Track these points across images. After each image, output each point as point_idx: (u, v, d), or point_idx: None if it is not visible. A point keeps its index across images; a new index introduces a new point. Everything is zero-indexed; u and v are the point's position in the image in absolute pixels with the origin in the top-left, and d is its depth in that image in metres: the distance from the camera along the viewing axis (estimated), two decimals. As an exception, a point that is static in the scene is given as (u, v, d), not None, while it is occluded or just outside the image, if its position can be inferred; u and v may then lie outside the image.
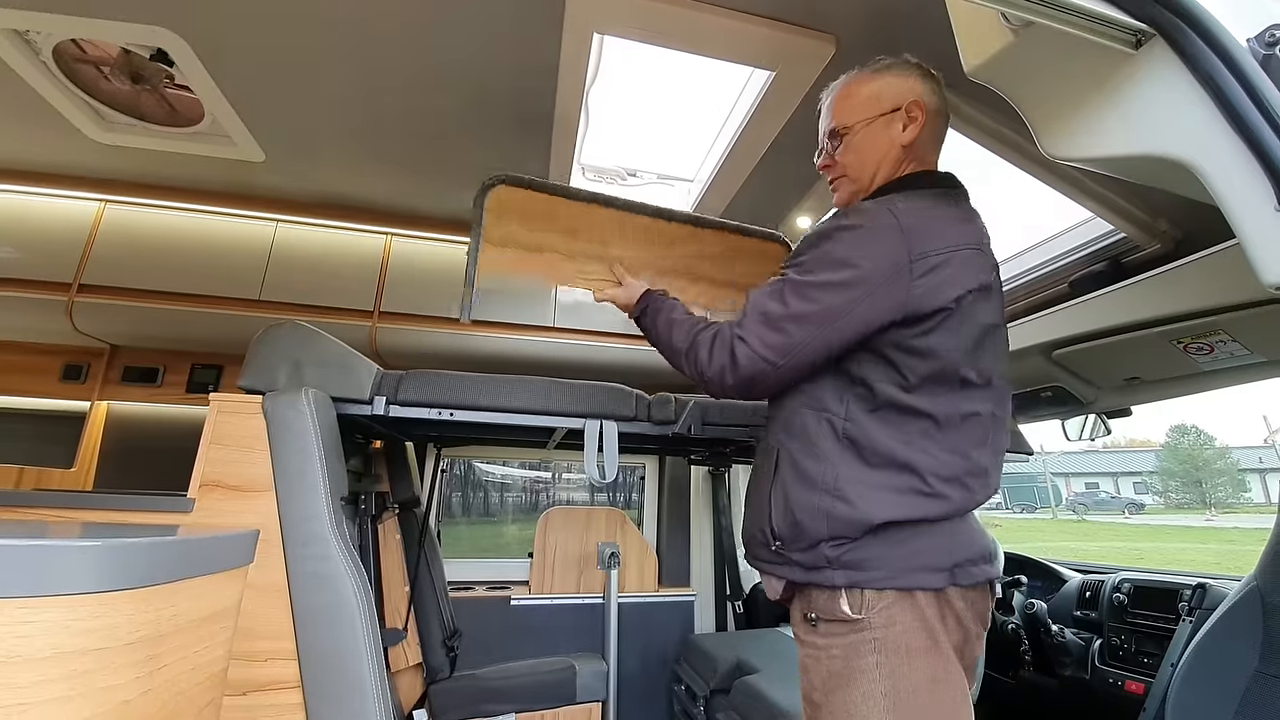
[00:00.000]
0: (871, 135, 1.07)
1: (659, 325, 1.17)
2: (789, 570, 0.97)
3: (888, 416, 0.94)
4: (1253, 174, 0.71)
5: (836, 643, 0.90)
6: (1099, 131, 0.88)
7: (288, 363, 1.39)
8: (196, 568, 0.71)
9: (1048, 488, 32.09)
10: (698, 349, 1.04)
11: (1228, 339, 1.47)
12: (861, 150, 1.08)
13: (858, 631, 0.89)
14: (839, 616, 0.90)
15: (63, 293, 2.32)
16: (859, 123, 1.08)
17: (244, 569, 0.91)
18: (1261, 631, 1.32)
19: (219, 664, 0.79)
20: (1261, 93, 0.72)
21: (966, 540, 0.94)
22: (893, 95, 1.06)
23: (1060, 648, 2.03)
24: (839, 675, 0.89)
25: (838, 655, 0.90)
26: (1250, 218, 0.71)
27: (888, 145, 1.06)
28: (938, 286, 0.92)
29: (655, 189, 2.41)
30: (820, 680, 0.92)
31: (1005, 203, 2.02)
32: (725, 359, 0.98)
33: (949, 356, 0.93)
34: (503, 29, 1.54)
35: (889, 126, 1.06)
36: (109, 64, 1.80)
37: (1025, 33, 0.92)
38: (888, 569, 0.89)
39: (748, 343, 0.97)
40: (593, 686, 2.38)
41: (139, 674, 0.61)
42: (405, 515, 2.35)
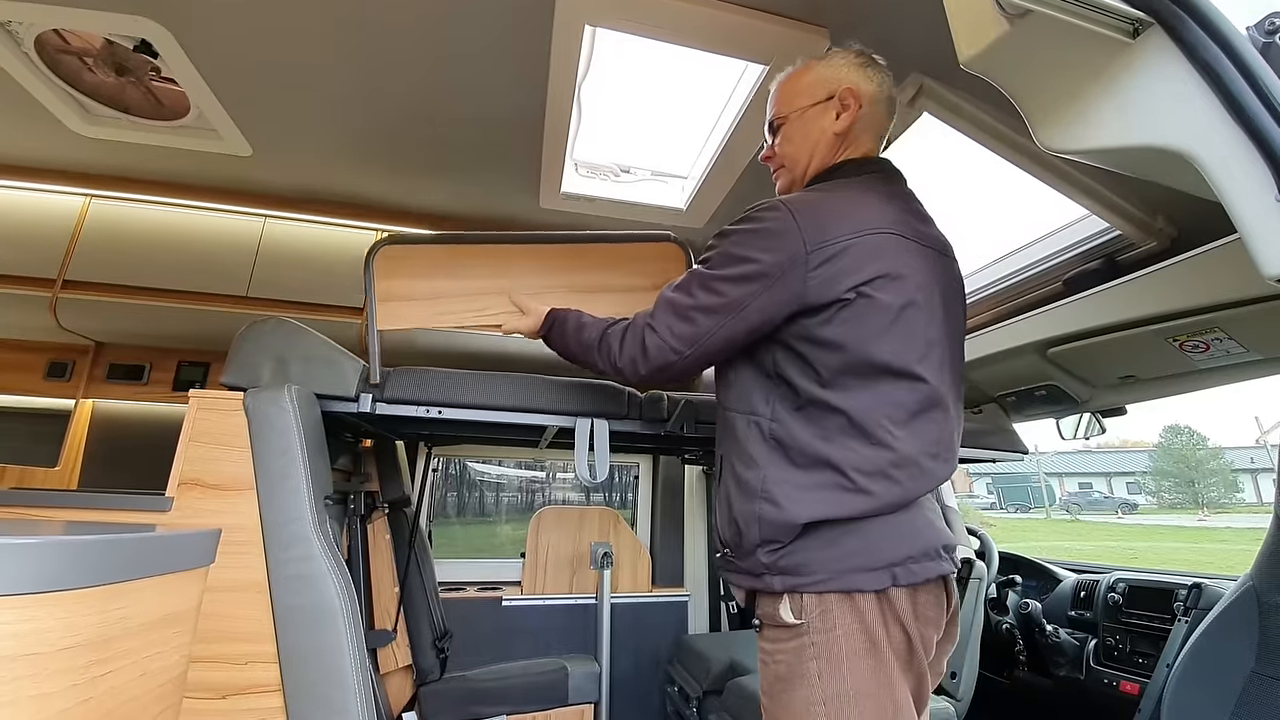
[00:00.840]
0: (805, 124, 1.10)
1: (568, 334, 1.21)
2: (740, 578, 0.98)
3: (810, 414, 0.94)
4: (1253, 164, 0.69)
5: (781, 648, 0.90)
6: (1096, 122, 0.87)
7: (272, 359, 1.36)
8: (147, 569, 0.68)
9: (1041, 488, 32.23)
10: (609, 340, 1.09)
11: (1224, 336, 1.46)
12: (795, 140, 1.11)
13: (799, 637, 0.88)
14: (780, 622, 0.90)
15: (46, 289, 2.28)
16: (794, 112, 1.11)
17: (203, 570, 0.88)
18: (1258, 632, 1.31)
19: (175, 669, 0.76)
20: (1262, 81, 0.70)
21: (909, 536, 0.91)
22: (826, 84, 1.09)
23: (1055, 648, 2.02)
24: (783, 680, 0.89)
25: (782, 660, 0.90)
26: (1250, 208, 0.69)
27: (819, 134, 1.09)
28: (833, 277, 0.92)
29: (649, 185, 2.39)
30: (768, 684, 0.93)
31: (1002, 201, 2.01)
32: (636, 349, 1.03)
33: (856, 347, 0.92)
34: (493, 21, 1.52)
35: (822, 115, 1.08)
36: (92, 55, 1.76)
37: (1021, 22, 0.90)
38: (823, 572, 0.88)
39: (658, 332, 1.01)
40: (585, 688, 2.37)
41: (77, 681, 0.58)
42: (395, 515, 2.32)
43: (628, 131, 2.17)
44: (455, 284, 1.50)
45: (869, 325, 0.92)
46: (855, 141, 1.09)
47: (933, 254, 1.03)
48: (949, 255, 1.10)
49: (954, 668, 1.99)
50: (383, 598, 2.22)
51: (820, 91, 1.09)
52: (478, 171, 2.20)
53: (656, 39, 1.54)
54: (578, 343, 1.17)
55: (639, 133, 2.19)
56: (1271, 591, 1.32)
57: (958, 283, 1.12)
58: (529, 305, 1.36)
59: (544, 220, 2.51)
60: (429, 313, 1.48)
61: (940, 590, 0.94)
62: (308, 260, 2.47)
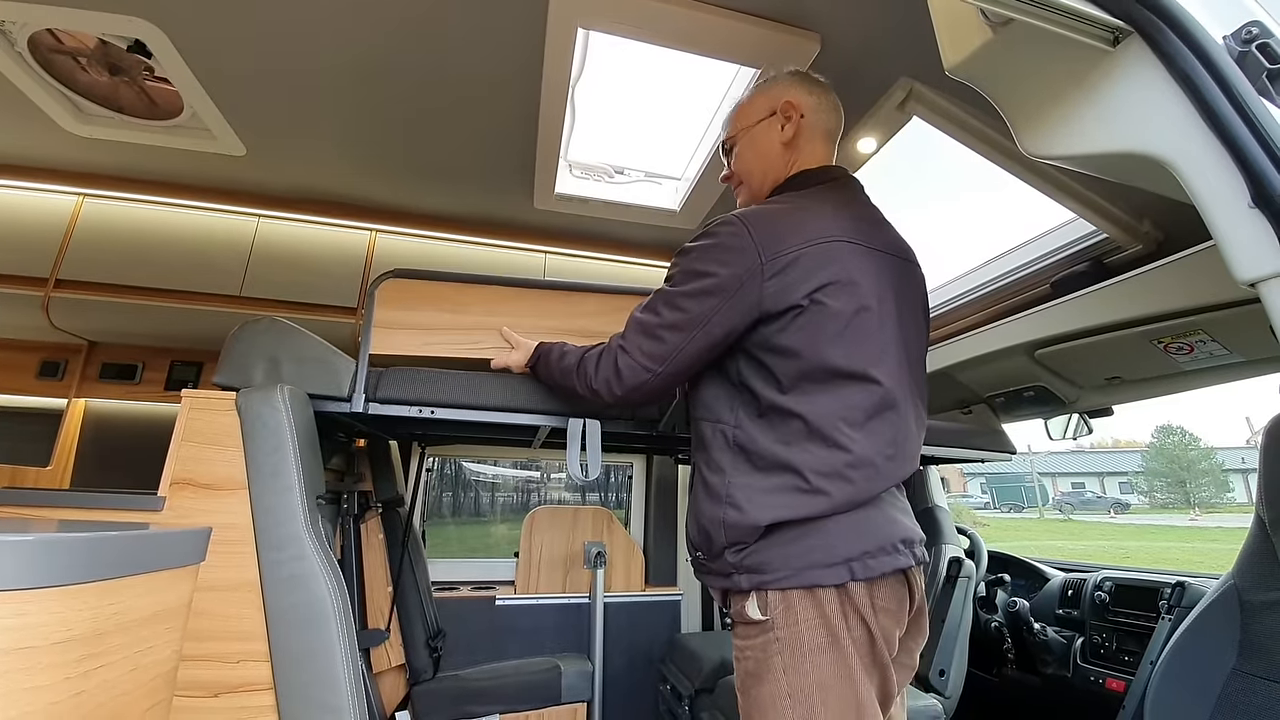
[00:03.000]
0: (754, 140, 1.17)
1: (552, 364, 1.28)
2: (712, 579, 1.02)
3: (771, 420, 0.98)
4: (1227, 170, 0.71)
5: (750, 644, 0.94)
6: (1077, 129, 0.88)
7: (265, 359, 1.37)
8: (139, 566, 0.69)
9: (1035, 488, 32.39)
10: (586, 365, 1.14)
11: (1207, 339, 1.48)
12: (747, 156, 1.19)
13: (765, 633, 0.92)
14: (747, 619, 0.93)
15: (39, 288, 2.28)
16: (741, 131, 1.19)
17: (194, 567, 0.89)
18: (1239, 630, 1.33)
19: (166, 664, 0.77)
20: (1236, 90, 0.72)
21: (867, 532, 0.93)
22: (768, 101, 1.16)
23: (1042, 646, 2.04)
24: (753, 675, 0.93)
25: (751, 656, 0.93)
26: (1224, 214, 0.71)
27: (768, 146, 1.15)
28: (788, 286, 0.96)
29: (642, 187, 2.40)
30: (740, 680, 0.96)
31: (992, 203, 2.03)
32: (610, 371, 1.08)
33: (811, 352, 0.95)
34: (486, 23, 1.53)
35: (769, 130, 1.15)
36: (86, 55, 1.76)
37: (1004, 30, 0.92)
38: (786, 569, 0.91)
39: (629, 353, 1.05)
40: (578, 686, 2.37)
41: (69, 674, 0.59)
42: (389, 515, 2.33)
43: (621, 133, 2.18)
44: (449, 317, 1.57)
45: (823, 331, 0.95)
46: (805, 150, 1.15)
47: (888, 258, 1.07)
48: (908, 259, 1.14)
49: (942, 665, 2.01)
50: (376, 597, 2.23)
51: (763, 109, 1.16)
52: (471, 172, 2.21)
53: (649, 42, 1.55)
54: (560, 370, 1.23)
55: (633, 134, 2.20)
56: (1253, 590, 1.33)
57: (918, 286, 1.16)
58: (518, 340, 1.46)
59: (538, 221, 2.52)
60: (420, 342, 1.55)
61: (901, 584, 0.96)
62: (301, 260, 2.47)
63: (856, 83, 1.65)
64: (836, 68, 1.60)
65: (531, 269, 2.71)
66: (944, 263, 2.03)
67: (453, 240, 2.62)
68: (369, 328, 1.47)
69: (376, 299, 1.50)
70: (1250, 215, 0.69)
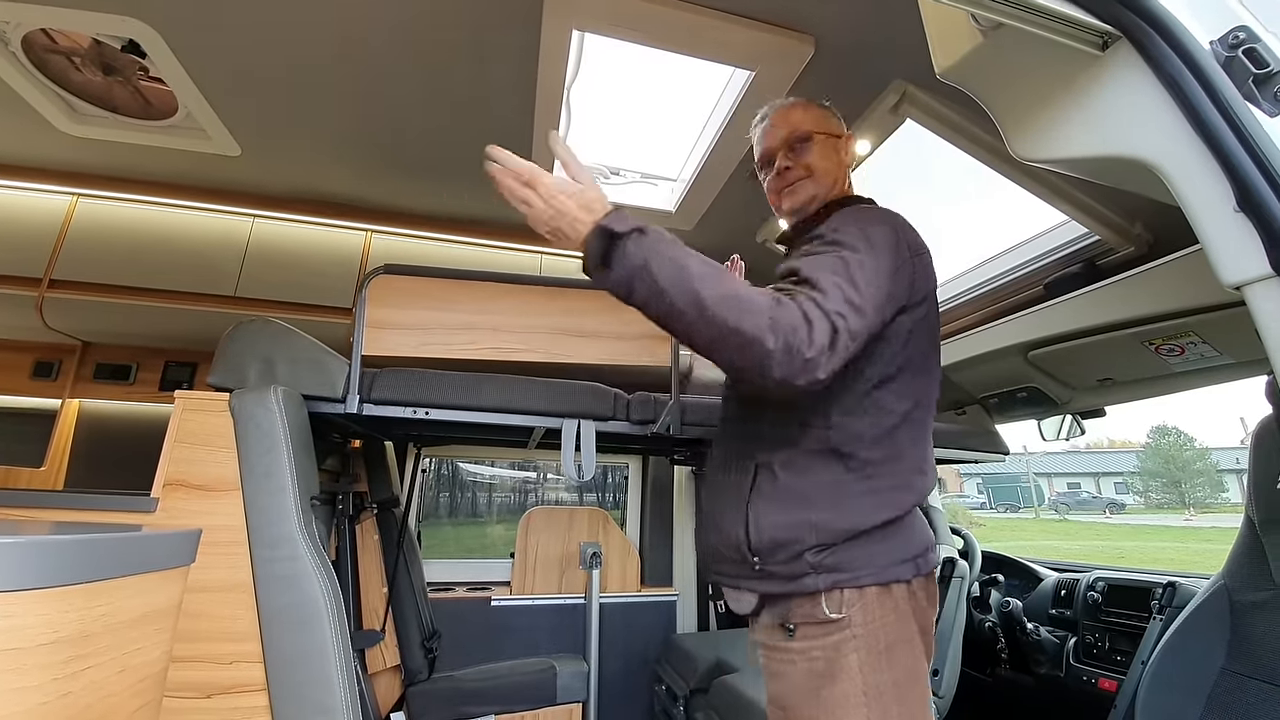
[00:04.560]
0: (826, 147, 1.15)
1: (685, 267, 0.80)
2: (767, 584, 0.95)
3: (870, 417, 0.94)
4: (1213, 175, 0.71)
5: (816, 645, 0.90)
6: (1066, 133, 0.89)
7: (259, 360, 1.37)
8: (127, 568, 0.69)
9: (1031, 488, 32.48)
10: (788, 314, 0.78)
11: (1198, 340, 1.49)
12: (824, 157, 1.14)
13: (838, 631, 0.89)
14: (818, 619, 0.90)
15: (33, 288, 2.27)
16: (819, 134, 1.14)
17: (183, 569, 0.89)
18: (1229, 630, 1.34)
19: (155, 666, 0.77)
20: (1222, 95, 0.73)
21: (923, 530, 0.98)
22: (835, 123, 1.18)
23: (1036, 645, 2.05)
24: (821, 676, 0.89)
25: (819, 656, 0.89)
26: (1210, 218, 0.72)
27: (840, 161, 1.16)
28: (917, 281, 0.97)
29: (639, 188, 2.40)
30: (795, 685, 0.91)
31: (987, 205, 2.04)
32: (825, 339, 0.78)
33: (917, 351, 0.97)
34: (482, 23, 1.53)
35: (839, 148, 1.16)
36: (80, 55, 1.76)
37: (994, 34, 0.93)
38: (870, 566, 0.90)
39: (847, 319, 0.81)
40: (573, 687, 2.37)
41: (57, 675, 0.59)
42: (384, 515, 2.33)
43: (617, 134, 2.19)
44: (442, 315, 1.57)
45: (927, 333, 1.00)
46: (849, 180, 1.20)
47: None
48: None
49: (936, 665, 2.02)
50: (371, 598, 2.23)
51: (834, 127, 1.17)
52: (467, 172, 2.21)
53: (644, 45, 1.56)
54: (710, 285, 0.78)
55: (628, 135, 2.21)
56: (1242, 590, 1.34)
57: None
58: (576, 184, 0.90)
59: (534, 221, 2.52)
60: (415, 342, 1.55)
61: (934, 579, 1.01)
62: (296, 260, 2.47)
63: (851, 85, 1.66)
64: (831, 70, 1.61)
65: (527, 269, 2.71)
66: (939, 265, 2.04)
67: (448, 240, 2.62)
68: (361, 327, 1.48)
69: (369, 298, 1.49)
70: (1235, 219, 0.69)
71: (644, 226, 0.83)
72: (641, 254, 0.80)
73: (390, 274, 1.53)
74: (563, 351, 1.63)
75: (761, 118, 1.20)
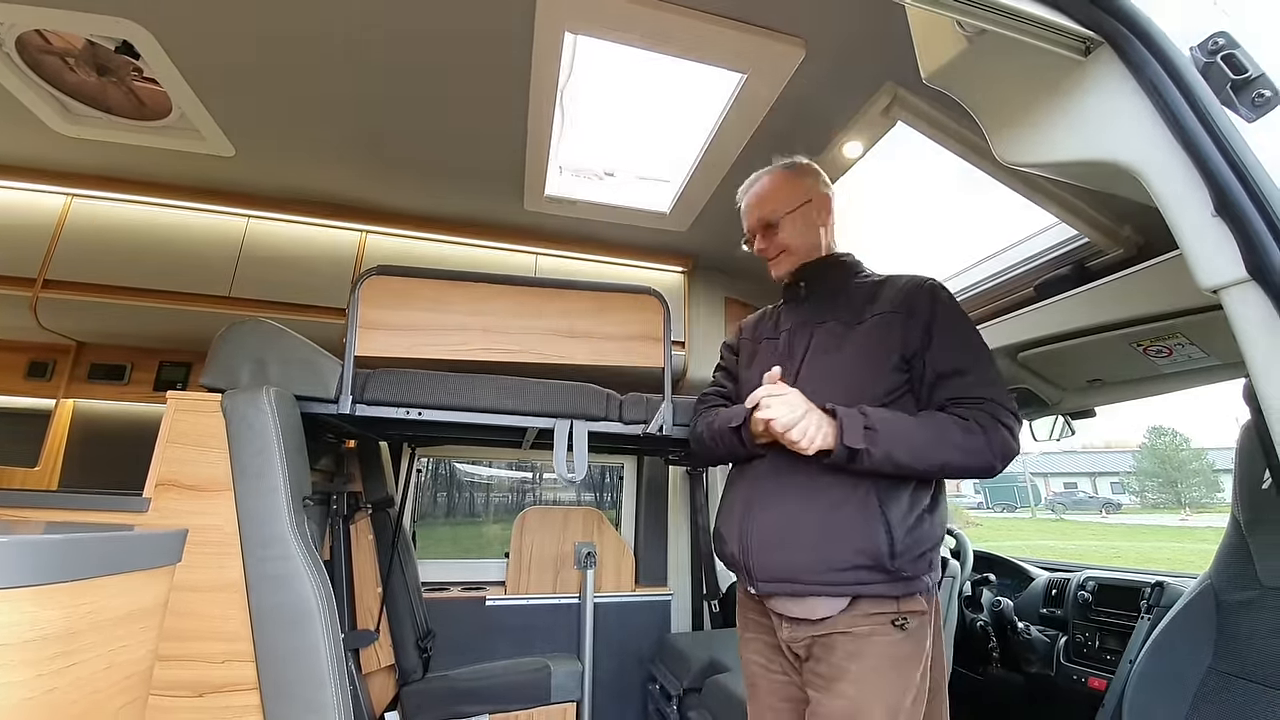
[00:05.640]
0: (796, 223, 1.33)
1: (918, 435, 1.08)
2: (890, 587, 1.07)
3: None
4: (1191, 179, 0.72)
5: (911, 628, 1.08)
6: (1049, 137, 0.90)
7: (251, 361, 1.37)
8: (113, 566, 0.70)
9: (1027, 487, 32.56)
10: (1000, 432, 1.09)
11: (1185, 342, 1.50)
12: (795, 234, 1.33)
13: (920, 617, 1.09)
14: (919, 609, 1.09)
15: (27, 288, 2.27)
16: (785, 215, 1.33)
17: (170, 568, 0.89)
18: (1215, 629, 1.35)
19: (141, 663, 0.77)
20: (1200, 100, 0.74)
21: None
22: (801, 190, 1.35)
23: (1026, 645, 2.06)
24: (904, 658, 1.06)
25: (903, 641, 1.07)
26: (1188, 221, 0.73)
27: (813, 228, 1.34)
28: None
29: (633, 189, 2.41)
30: (871, 667, 1.05)
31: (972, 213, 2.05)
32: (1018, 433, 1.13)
33: None
34: (475, 25, 1.53)
35: (808, 215, 1.33)
36: (74, 55, 1.76)
37: (979, 40, 0.94)
38: (940, 566, 1.17)
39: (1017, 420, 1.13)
40: (567, 686, 2.38)
41: (42, 671, 0.60)
42: (379, 516, 2.33)
43: (612, 135, 2.19)
44: (436, 316, 1.58)
45: None
46: (833, 232, 1.38)
47: None
48: None
49: (928, 665, 2.03)
50: (365, 598, 2.23)
51: (799, 196, 1.34)
52: (461, 173, 2.21)
53: (635, 47, 1.56)
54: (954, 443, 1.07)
55: (623, 136, 2.21)
56: (1229, 590, 1.35)
57: None
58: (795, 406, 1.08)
59: (528, 222, 2.52)
60: (407, 343, 1.55)
61: None
62: (291, 261, 2.47)
63: (841, 88, 1.67)
64: (822, 73, 1.62)
65: (522, 270, 2.71)
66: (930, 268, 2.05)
67: (443, 241, 2.62)
68: (354, 328, 1.48)
69: (362, 299, 1.50)
70: (1213, 223, 0.70)
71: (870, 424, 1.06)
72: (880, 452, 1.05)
73: (383, 274, 1.54)
74: (555, 352, 1.64)
75: (740, 195, 1.40)
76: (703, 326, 2.87)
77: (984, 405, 1.09)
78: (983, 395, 1.10)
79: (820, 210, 1.34)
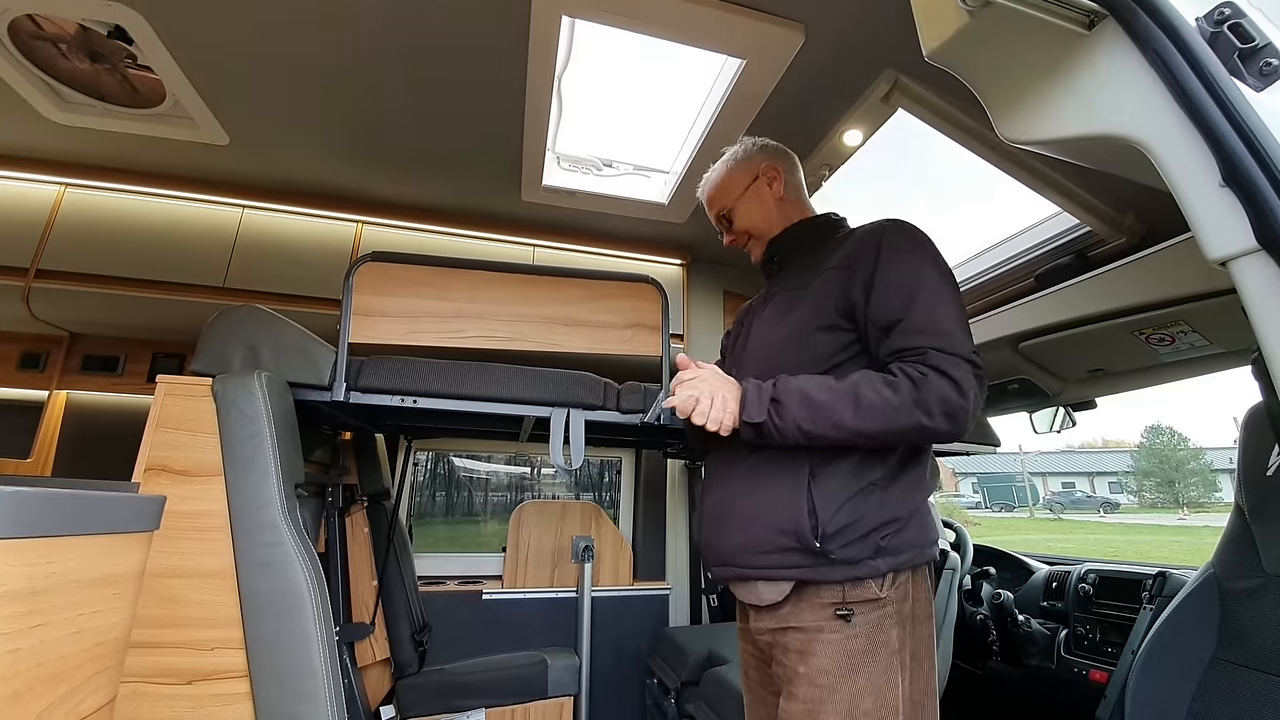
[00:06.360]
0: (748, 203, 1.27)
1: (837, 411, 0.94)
2: (826, 571, 0.94)
3: None
4: (1198, 150, 0.71)
5: (860, 621, 0.94)
6: (1053, 113, 0.88)
7: (243, 347, 1.35)
8: (80, 526, 0.68)
9: (1025, 487, 32.60)
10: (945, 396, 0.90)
11: (1188, 329, 1.49)
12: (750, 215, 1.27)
13: (881, 608, 0.95)
14: (868, 598, 0.95)
15: (19, 278, 2.25)
16: (736, 200, 1.27)
17: (146, 535, 0.87)
18: (1219, 618, 1.34)
19: (114, 631, 0.75)
20: (1208, 70, 0.72)
21: (935, 517, 1.14)
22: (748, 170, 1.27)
23: (1027, 638, 2.05)
24: (860, 654, 0.93)
25: (858, 634, 0.94)
26: (1196, 194, 0.71)
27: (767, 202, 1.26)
28: None
29: (631, 179, 2.39)
30: (834, 662, 0.93)
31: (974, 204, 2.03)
32: (973, 381, 0.92)
33: None
34: (472, 8, 1.51)
35: (759, 191, 1.26)
36: (67, 41, 1.74)
37: (981, 14, 0.92)
38: (913, 548, 0.98)
39: (977, 362, 0.95)
40: (564, 680, 2.36)
41: (4, 630, 0.57)
42: (374, 509, 2.31)
43: (609, 125, 2.18)
44: (432, 304, 1.56)
45: None
46: (800, 200, 1.29)
47: None
48: None
49: (928, 658, 2.02)
50: (360, 590, 2.21)
51: (746, 177, 1.27)
52: (458, 163, 2.20)
53: (634, 31, 1.55)
54: (871, 405, 0.92)
55: (621, 127, 2.20)
56: (1232, 578, 1.34)
57: None
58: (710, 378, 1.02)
59: (526, 213, 2.51)
60: (403, 330, 1.53)
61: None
62: (286, 251, 2.45)
63: (841, 75, 1.65)
64: (821, 59, 1.60)
65: (520, 260, 2.69)
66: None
67: (439, 232, 2.60)
68: (348, 314, 1.46)
69: (356, 285, 1.48)
70: (1221, 194, 0.69)
71: (776, 395, 0.96)
72: (787, 424, 0.94)
73: (378, 261, 1.52)
74: (552, 340, 1.62)
75: (700, 197, 1.37)
76: (701, 319, 2.86)
77: (925, 356, 0.93)
78: (921, 344, 0.94)
79: (770, 181, 1.25)
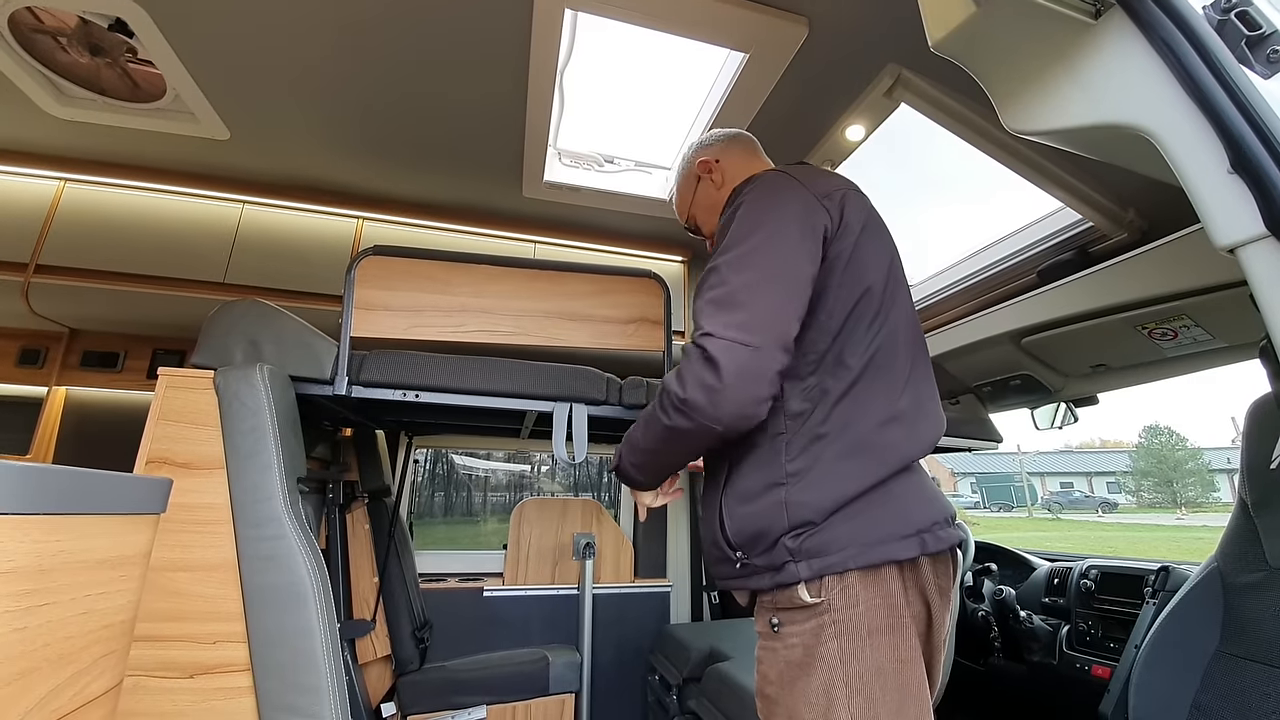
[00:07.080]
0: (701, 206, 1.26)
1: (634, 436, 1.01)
2: (756, 579, 0.89)
3: (827, 374, 0.90)
4: (1206, 137, 0.71)
5: (794, 631, 0.84)
6: (1059, 103, 0.88)
7: (244, 340, 1.35)
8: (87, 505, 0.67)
9: (1024, 487, 32.64)
10: (666, 388, 0.87)
11: (1190, 324, 1.49)
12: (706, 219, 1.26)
13: (818, 616, 0.82)
14: (797, 603, 0.84)
15: (19, 273, 2.24)
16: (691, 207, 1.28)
17: (153, 517, 0.86)
18: (1222, 611, 1.34)
19: (121, 614, 0.75)
20: (1216, 57, 0.72)
21: (932, 500, 0.90)
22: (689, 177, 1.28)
23: (1029, 634, 2.05)
24: (797, 665, 0.83)
25: (796, 644, 0.83)
26: (1203, 180, 0.71)
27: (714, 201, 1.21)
28: (846, 220, 0.96)
29: (633, 176, 2.39)
30: (776, 673, 0.85)
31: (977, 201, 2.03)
32: (700, 368, 0.82)
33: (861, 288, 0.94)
34: (475, 4, 1.51)
35: (705, 191, 1.24)
36: (66, 34, 1.74)
37: (988, 4, 0.92)
38: (854, 546, 0.82)
39: (714, 335, 0.82)
40: (566, 677, 2.36)
41: (10, 608, 0.57)
42: (375, 505, 2.31)
43: (611, 121, 2.17)
44: (434, 298, 1.56)
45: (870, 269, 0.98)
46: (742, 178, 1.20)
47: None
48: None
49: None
50: (361, 587, 2.21)
51: (691, 183, 1.28)
52: (460, 158, 2.19)
53: (636, 24, 1.54)
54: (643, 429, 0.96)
55: (622, 123, 2.19)
56: (1235, 572, 1.34)
57: None
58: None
59: (527, 209, 2.50)
60: (404, 324, 1.53)
61: (950, 561, 0.92)
62: (287, 247, 2.44)
63: (844, 69, 1.65)
64: (824, 53, 1.60)
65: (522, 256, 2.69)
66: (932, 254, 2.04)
67: (441, 228, 2.60)
68: (349, 308, 1.46)
69: (358, 279, 1.48)
70: (1229, 181, 0.69)
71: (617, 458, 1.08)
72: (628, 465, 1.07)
73: (379, 255, 1.52)
74: (555, 335, 1.62)
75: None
76: (702, 317, 2.85)
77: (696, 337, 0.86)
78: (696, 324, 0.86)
79: (710, 174, 1.22)
